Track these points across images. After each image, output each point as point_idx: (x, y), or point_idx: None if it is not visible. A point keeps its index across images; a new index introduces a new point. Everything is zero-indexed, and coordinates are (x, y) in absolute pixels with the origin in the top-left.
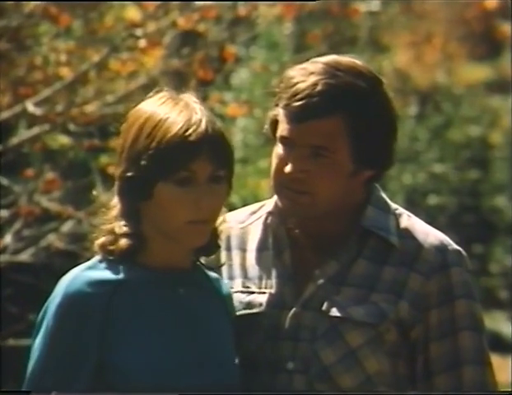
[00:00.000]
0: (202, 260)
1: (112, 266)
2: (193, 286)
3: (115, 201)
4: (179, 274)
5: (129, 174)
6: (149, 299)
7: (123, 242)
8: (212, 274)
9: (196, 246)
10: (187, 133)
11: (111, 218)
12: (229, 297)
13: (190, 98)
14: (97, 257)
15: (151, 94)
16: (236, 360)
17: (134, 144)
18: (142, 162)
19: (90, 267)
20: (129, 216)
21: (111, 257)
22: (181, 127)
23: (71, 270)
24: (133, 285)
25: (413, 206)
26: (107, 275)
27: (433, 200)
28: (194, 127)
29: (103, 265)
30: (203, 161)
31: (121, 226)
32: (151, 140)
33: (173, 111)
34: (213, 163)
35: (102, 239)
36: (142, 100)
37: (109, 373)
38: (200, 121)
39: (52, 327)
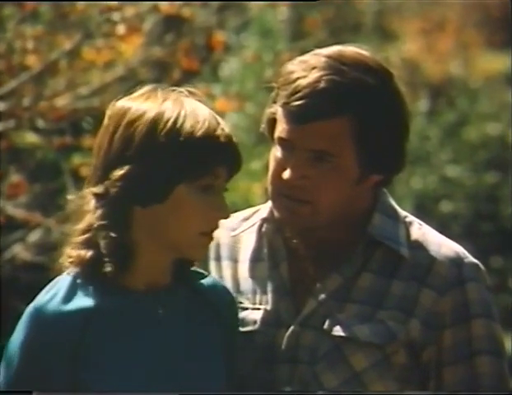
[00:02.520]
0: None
1: (85, 290)
2: (175, 305)
3: (93, 205)
4: (160, 294)
5: (142, 172)
6: (126, 327)
7: (108, 260)
8: (207, 281)
9: (199, 260)
10: (216, 133)
11: (86, 227)
12: (226, 304)
13: (182, 94)
14: (68, 279)
15: (137, 90)
16: (223, 378)
17: (148, 140)
18: (164, 160)
19: (58, 294)
20: (119, 224)
21: (86, 279)
22: (209, 127)
23: (39, 285)
24: (109, 313)
25: (423, 213)
26: (78, 303)
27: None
28: (221, 128)
29: (74, 289)
30: (224, 167)
31: (107, 235)
32: (177, 136)
33: (186, 108)
34: (230, 170)
35: (83, 254)
36: (120, 93)
37: None
38: (220, 123)
39: (17, 367)
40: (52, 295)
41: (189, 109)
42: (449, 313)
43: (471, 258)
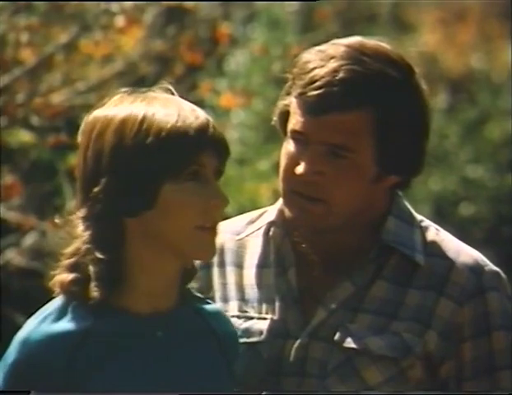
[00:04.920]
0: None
1: (76, 313)
2: (176, 327)
3: (80, 229)
4: (161, 316)
5: (119, 183)
6: (121, 351)
7: (98, 284)
8: (211, 308)
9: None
10: (188, 122)
11: (75, 251)
12: (228, 335)
13: (161, 93)
14: (58, 302)
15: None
16: None
17: (118, 147)
18: (137, 163)
19: (48, 318)
20: (109, 243)
21: (77, 302)
22: (179, 117)
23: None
24: (102, 336)
25: (442, 216)
26: (68, 326)
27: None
28: (195, 115)
29: (64, 312)
30: (210, 154)
31: (96, 258)
32: (145, 136)
33: (155, 104)
34: (218, 156)
35: (66, 277)
36: (119, 89)
37: None
38: (195, 110)
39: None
40: (41, 319)
41: (159, 106)
42: (468, 325)
43: (491, 266)
